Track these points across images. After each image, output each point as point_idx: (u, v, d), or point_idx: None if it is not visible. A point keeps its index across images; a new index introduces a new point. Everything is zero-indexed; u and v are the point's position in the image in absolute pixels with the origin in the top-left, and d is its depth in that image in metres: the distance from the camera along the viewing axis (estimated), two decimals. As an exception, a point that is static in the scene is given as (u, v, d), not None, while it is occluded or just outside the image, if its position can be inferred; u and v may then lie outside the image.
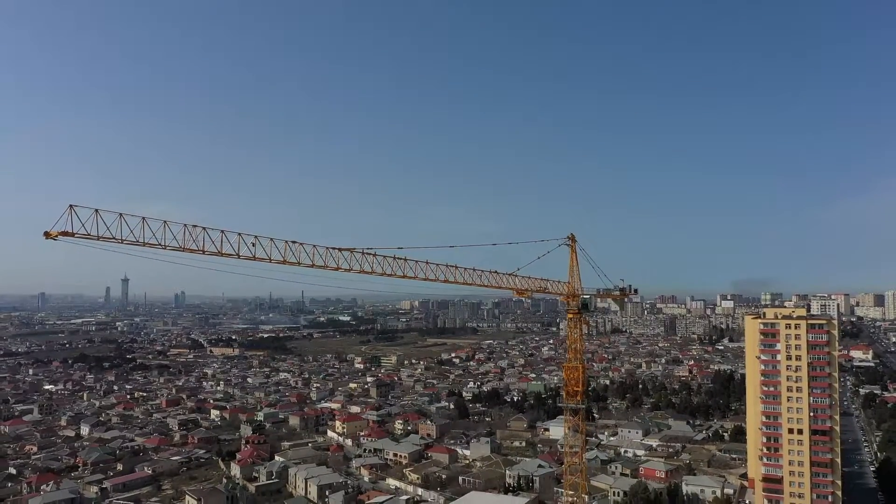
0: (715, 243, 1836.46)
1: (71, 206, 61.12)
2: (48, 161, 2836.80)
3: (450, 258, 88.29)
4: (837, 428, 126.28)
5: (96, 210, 63.19)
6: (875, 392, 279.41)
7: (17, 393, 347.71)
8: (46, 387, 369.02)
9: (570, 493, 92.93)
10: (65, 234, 62.20)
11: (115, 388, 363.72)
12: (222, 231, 70.17)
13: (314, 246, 77.68)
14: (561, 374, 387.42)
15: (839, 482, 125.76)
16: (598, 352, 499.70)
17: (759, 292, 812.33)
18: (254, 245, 72.49)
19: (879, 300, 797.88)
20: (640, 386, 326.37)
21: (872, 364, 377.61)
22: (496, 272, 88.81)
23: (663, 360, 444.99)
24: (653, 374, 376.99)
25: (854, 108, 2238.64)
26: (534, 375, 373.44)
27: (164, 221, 67.80)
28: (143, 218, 65.94)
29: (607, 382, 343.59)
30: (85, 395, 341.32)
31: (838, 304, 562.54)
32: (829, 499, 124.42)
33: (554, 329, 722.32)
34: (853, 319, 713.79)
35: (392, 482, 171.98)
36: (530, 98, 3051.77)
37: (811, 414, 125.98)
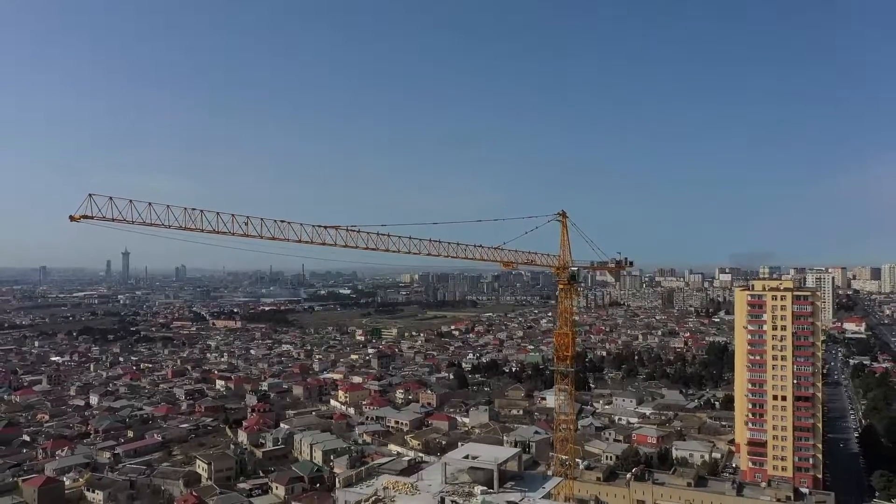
0: (715, 217, 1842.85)
1: (90, 195, 69.52)
2: (53, 136, 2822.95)
3: (446, 233, 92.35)
4: (820, 394, 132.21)
5: (111, 197, 71.19)
6: (864, 363, 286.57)
7: (24, 364, 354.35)
8: (53, 358, 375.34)
9: (563, 456, 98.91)
10: (85, 217, 70.30)
11: (121, 359, 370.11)
12: (217, 213, 78.17)
13: (301, 224, 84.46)
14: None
15: (820, 445, 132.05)
16: (595, 324, 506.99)
17: (758, 266, 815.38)
18: (246, 224, 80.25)
19: (876, 273, 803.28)
20: (636, 357, 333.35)
21: (864, 336, 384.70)
22: (480, 246, 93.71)
23: (659, 333, 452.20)
24: (649, 346, 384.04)
25: (854, 79, 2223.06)
26: (532, 347, 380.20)
27: (168, 205, 75.34)
28: (150, 203, 73.85)
29: (604, 354, 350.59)
30: (91, 366, 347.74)
31: (833, 278, 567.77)
32: (811, 461, 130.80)
33: (553, 302, 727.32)
34: (849, 293, 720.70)
35: (394, 447, 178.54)
36: (530, 65, 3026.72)
37: (795, 381, 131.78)
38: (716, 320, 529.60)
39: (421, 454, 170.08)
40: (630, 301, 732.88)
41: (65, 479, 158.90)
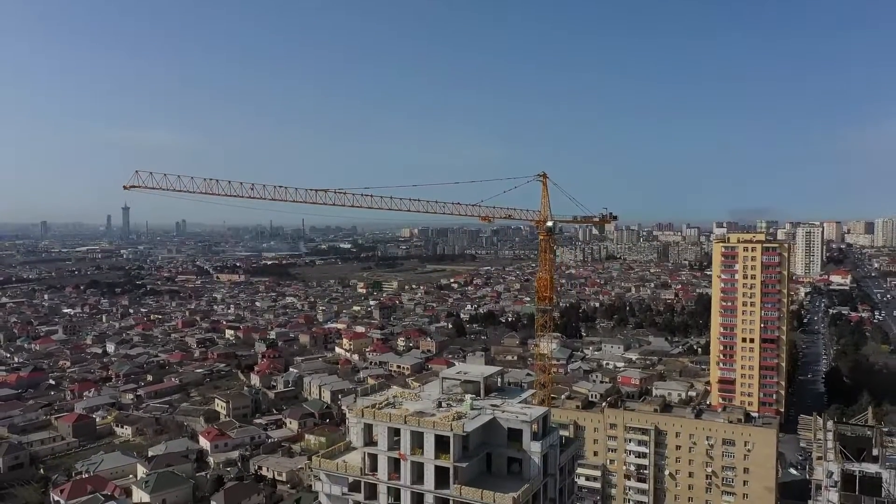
0: (717, 172, 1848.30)
1: (136, 171, 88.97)
2: (53, 90, 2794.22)
3: (436, 192, 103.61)
4: (784, 337, 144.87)
5: (150, 172, 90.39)
6: (843, 312, 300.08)
7: (38, 315, 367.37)
8: (65, 310, 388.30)
9: (542, 388, 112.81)
10: (135, 186, 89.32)
11: (131, 311, 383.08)
12: (229, 181, 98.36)
13: (296, 189, 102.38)
14: (554, 298, 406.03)
15: (783, 383, 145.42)
16: (590, 277, 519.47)
17: (756, 220, 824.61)
18: (251, 189, 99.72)
19: (870, 228, 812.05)
20: (627, 308, 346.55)
21: (848, 288, 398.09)
22: (458, 203, 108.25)
23: (652, 285, 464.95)
24: (640, 297, 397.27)
25: (859, 36, 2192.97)
26: (528, 299, 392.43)
27: (192, 177, 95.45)
28: (179, 175, 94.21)
29: (597, 305, 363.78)
30: (103, 317, 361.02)
31: (822, 232, 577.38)
32: (774, 397, 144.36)
33: (551, 256, 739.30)
34: (842, 246, 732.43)
35: (396, 389, 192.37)
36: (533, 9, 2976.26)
37: (762, 325, 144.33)
38: (708, 273, 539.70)
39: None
40: (626, 255, 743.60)
41: (95, 416, 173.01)
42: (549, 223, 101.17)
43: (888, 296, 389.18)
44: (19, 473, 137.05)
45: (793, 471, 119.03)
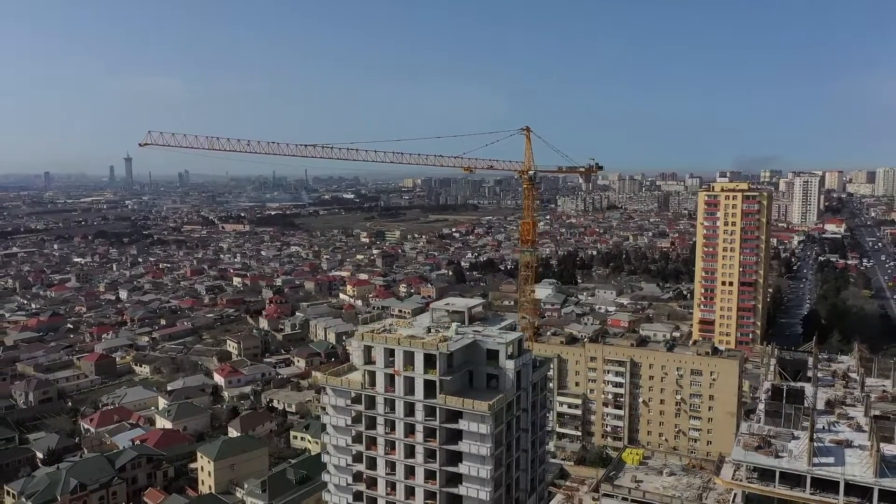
0: (725, 120, 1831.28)
1: (149, 131, 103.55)
2: (53, 47, 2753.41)
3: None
4: (761, 280, 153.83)
5: (161, 132, 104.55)
6: (831, 260, 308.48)
7: (49, 264, 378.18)
8: (76, 259, 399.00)
9: (524, 316, 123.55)
10: (148, 144, 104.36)
11: (140, 260, 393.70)
12: (227, 139, 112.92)
13: (287, 144, 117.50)
14: (553, 247, 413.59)
15: (759, 323, 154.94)
16: (590, 226, 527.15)
17: (760, 169, 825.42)
18: (248, 144, 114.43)
19: (871, 177, 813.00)
20: (623, 255, 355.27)
21: (840, 236, 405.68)
22: (441, 156, 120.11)
23: (650, 234, 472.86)
24: (637, 246, 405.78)
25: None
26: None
27: (196, 135, 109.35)
28: (185, 135, 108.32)
29: (594, 253, 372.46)
30: (114, 266, 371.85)
31: (819, 181, 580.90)
32: (751, 336, 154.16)
33: (552, 206, 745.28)
34: (842, 196, 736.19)
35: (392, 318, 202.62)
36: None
37: (741, 269, 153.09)
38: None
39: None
40: (627, 204, 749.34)
41: (114, 356, 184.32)
42: (532, 172, 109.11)
43: (879, 244, 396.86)
44: (49, 406, 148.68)
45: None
